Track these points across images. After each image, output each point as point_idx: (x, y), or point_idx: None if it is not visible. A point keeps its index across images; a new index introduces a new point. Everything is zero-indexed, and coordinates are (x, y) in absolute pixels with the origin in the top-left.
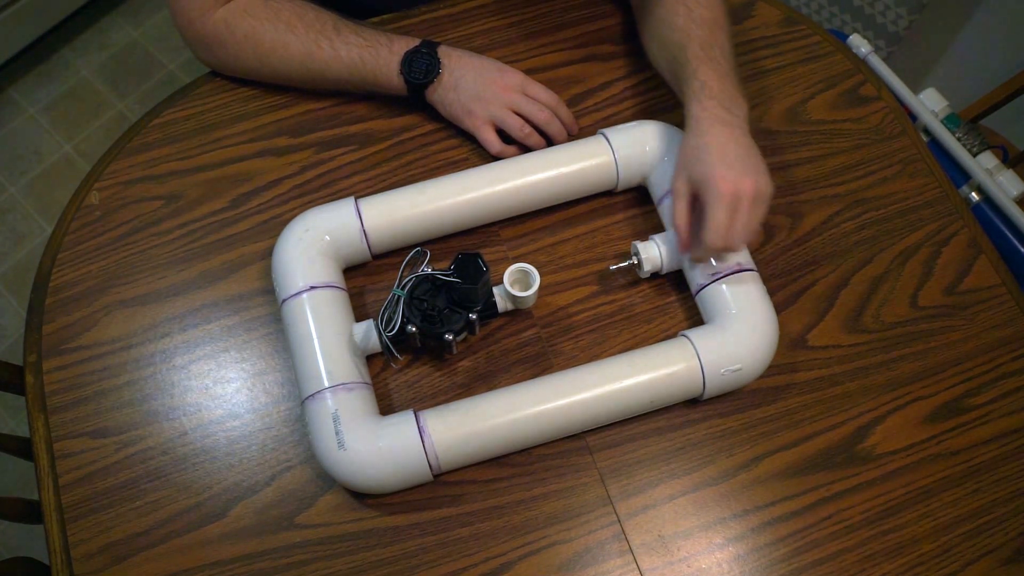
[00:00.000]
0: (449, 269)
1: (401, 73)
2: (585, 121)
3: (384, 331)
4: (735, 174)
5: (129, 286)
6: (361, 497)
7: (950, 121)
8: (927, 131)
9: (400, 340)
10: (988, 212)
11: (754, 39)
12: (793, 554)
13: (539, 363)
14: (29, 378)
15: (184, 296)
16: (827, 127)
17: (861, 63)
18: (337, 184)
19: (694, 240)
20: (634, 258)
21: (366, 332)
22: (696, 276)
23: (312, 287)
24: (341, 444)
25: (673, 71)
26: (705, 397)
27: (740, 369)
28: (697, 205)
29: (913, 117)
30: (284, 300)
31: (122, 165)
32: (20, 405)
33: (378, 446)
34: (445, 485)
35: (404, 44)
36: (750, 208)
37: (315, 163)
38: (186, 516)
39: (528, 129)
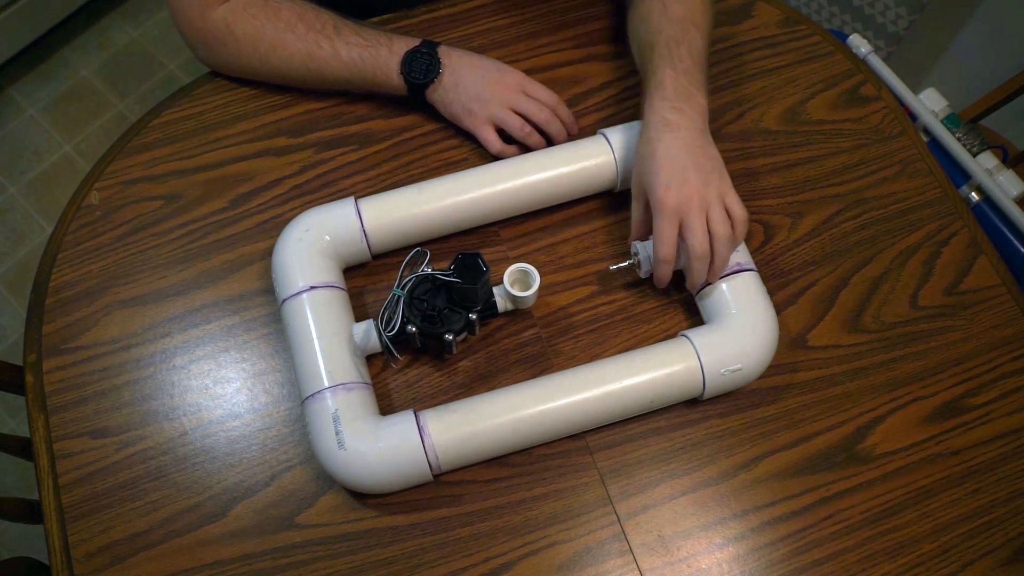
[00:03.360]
0: (449, 269)
1: (401, 73)
2: (585, 121)
3: (384, 331)
4: (676, 186)
5: (129, 286)
6: (361, 497)
7: (950, 121)
8: (927, 131)
9: (400, 340)
10: (988, 212)
11: (754, 39)
12: (793, 554)
13: (539, 363)
14: (29, 378)
15: (184, 296)
16: (827, 127)
17: (861, 63)
18: (337, 184)
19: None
20: (634, 258)
21: (366, 332)
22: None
23: (312, 287)
24: (341, 444)
25: (643, 70)
26: (705, 397)
27: (740, 369)
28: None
29: (913, 117)
30: (284, 300)
31: (122, 165)
32: (20, 405)
33: (378, 446)
34: (445, 485)
35: (404, 44)
36: (698, 217)
37: (315, 163)
38: (186, 516)
39: (528, 129)
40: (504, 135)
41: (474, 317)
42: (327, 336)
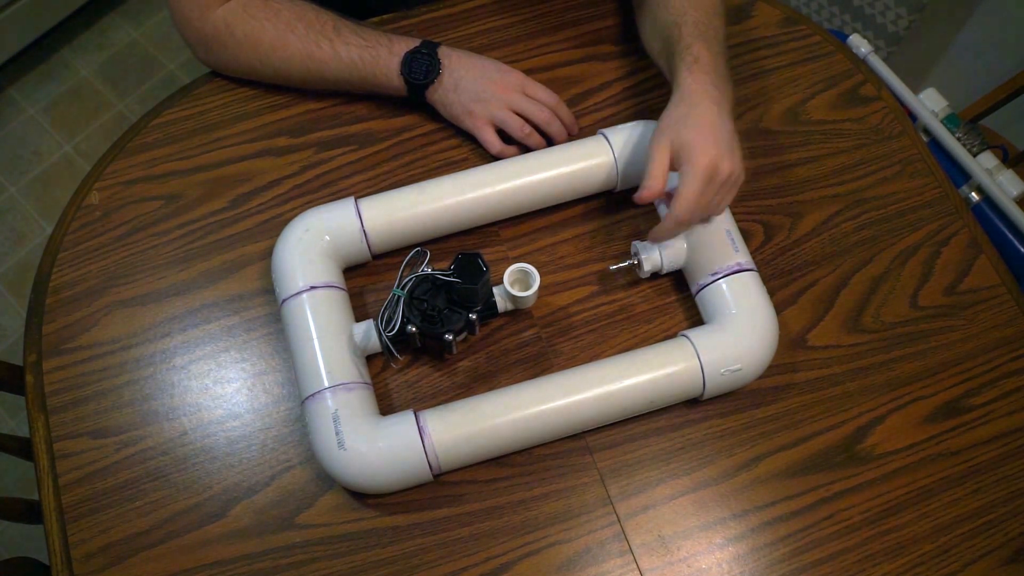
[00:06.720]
0: (449, 269)
1: (401, 74)
2: (585, 121)
3: (384, 331)
4: (717, 151)
5: (129, 286)
6: (361, 497)
7: (950, 121)
8: (927, 131)
9: (400, 340)
10: (988, 212)
11: (754, 39)
12: (793, 554)
13: (539, 363)
14: (29, 378)
15: (184, 296)
16: (827, 127)
17: (861, 63)
18: (337, 184)
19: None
20: (634, 258)
21: (366, 332)
22: (696, 276)
23: (312, 287)
24: (341, 444)
25: (666, 48)
26: (705, 397)
27: (740, 369)
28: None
29: (913, 117)
30: (284, 300)
31: (122, 165)
32: (20, 405)
33: (378, 446)
34: (445, 485)
35: (404, 45)
36: (721, 188)
37: (315, 163)
38: (186, 516)
39: (528, 129)
40: (504, 135)
41: (474, 317)
42: (327, 336)
